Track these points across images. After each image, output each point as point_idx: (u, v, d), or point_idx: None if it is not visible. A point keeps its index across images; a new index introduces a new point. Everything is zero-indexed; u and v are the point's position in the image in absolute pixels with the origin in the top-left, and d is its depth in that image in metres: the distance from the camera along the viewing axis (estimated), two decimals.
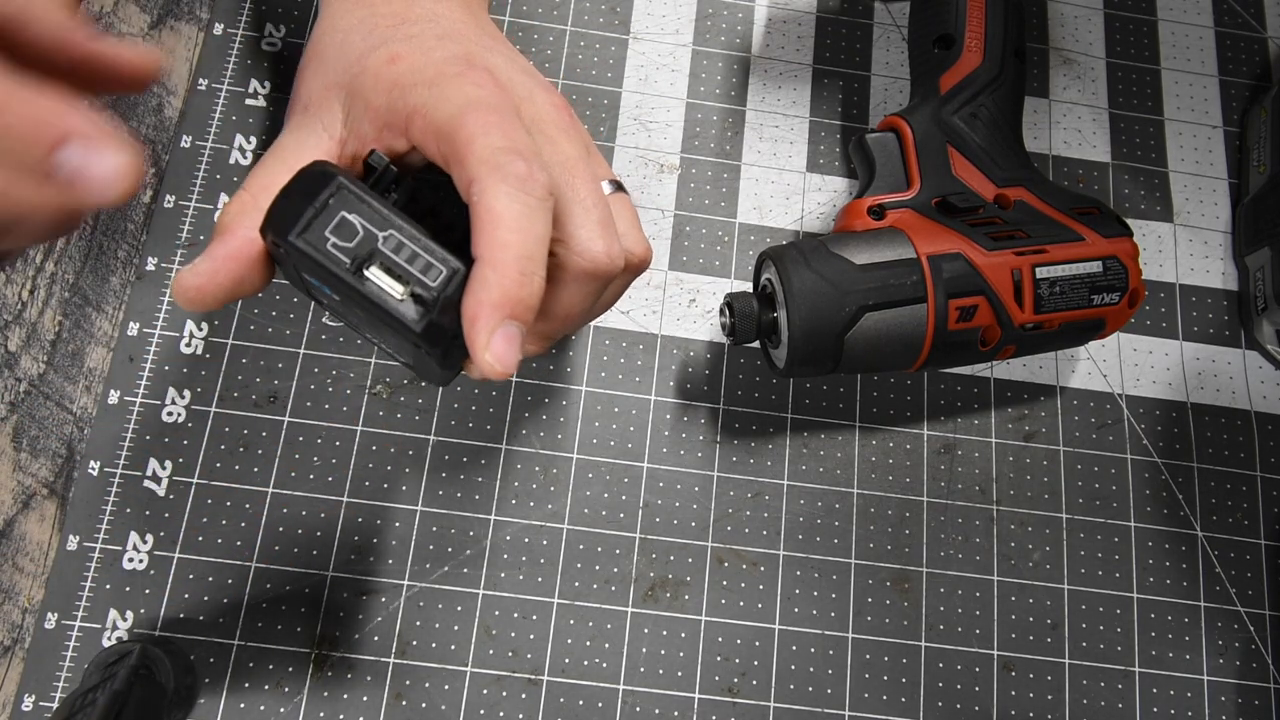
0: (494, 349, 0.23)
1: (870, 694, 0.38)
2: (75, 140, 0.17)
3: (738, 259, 0.44)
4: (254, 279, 0.26)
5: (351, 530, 0.39)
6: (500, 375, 0.24)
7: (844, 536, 0.40)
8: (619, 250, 0.29)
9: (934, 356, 0.37)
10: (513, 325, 0.24)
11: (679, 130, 0.45)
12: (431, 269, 0.24)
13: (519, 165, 0.25)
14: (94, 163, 0.18)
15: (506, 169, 0.25)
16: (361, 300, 0.24)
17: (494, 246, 0.24)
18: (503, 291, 0.23)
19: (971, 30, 0.40)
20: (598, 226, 0.29)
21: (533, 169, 0.25)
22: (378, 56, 0.29)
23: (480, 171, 0.25)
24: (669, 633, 0.39)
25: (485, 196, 0.24)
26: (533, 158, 0.25)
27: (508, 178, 0.24)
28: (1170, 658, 0.40)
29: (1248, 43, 0.49)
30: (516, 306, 0.24)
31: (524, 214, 0.24)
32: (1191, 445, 0.42)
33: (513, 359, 0.24)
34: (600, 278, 0.29)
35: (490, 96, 0.26)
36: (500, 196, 0.24)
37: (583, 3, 0.47)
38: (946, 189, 0.39)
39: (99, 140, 0.18)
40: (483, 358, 0.23)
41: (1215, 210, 0.46)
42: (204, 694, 0.37)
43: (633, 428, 0.41)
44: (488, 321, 0.23)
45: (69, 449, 0.38)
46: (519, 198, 0.24)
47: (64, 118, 0.17)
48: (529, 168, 0.25)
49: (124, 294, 0.41)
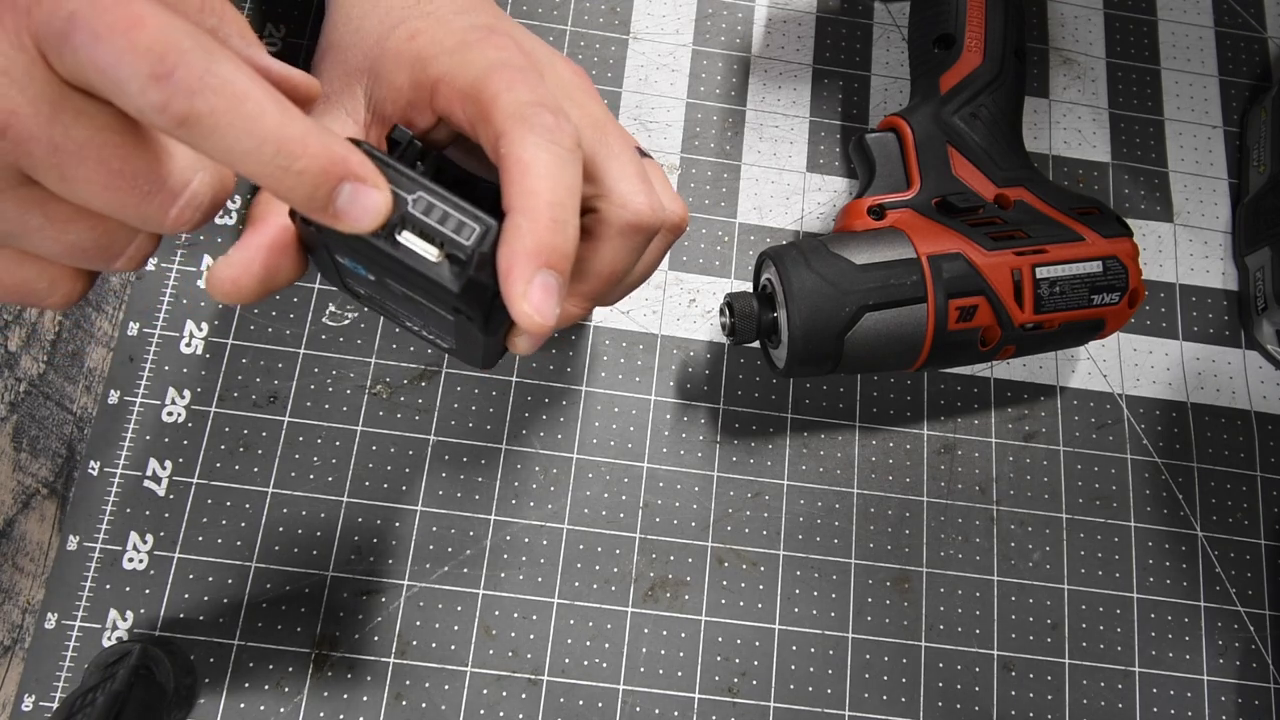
0: (532, 299, 0.23)
1: (870, 694, 0.38)
2: (351, 180, 0.20)
3: (738, 259, 0.44)
4: (288, 268, 0.26)
5: (351, 530, 0.39)
6: (539, 329, 0.23)
7: (844, 536, 0.40)
8: (659, 202, 0.29)
9: (934, 356, 0.37)
10: (550, 275, 0.23)
11: (679, 130, 0.45)
12: (464, 227, 0.23)
13: (546, 117, 0.24)
14: (360, 200, 0.20)
15: (533, 120, 0.24)
16: (397, 269, 0.23)
17: (525, 195, 0.23)
18: (536, 239, 0.23)
19: (971, 30, 0.40)
20: (636, 179, 0.28)
21: (560, 120, 0.25)
22: (397, 36, 0.29)
23: (507, 125, 0.24)
24: (669, 633, 0.39)
25: (514, 148, 0.24)
26: (559, 110, 0.25)
27: (535, 128, 0.24)
28: (1170, 658, 0.40)
29: (1248, 43, 0.49)
30: (552, 254, 0.23)
31: (554, 162, 0.24)
32: (1191, 445, 0.42)
33: (551, 310, 0.23)
34: (644, 231, 0.28)
35: (513, 58, 0.26)
36: (529, 146, 0.24)
37: (583, 3, 0.47)
38: (946, 189, 0.39)
39: (370, 181, 0.20)
40: (521, 308, 0.23)
41: (1215, 210, 0.46)
42: (204, 694, 0.37)
43: (633, 428, 0.41)
44: (524, 270, 0.23)
45: (69, 449, 0.38)
46: (548, 147, 0.24)
47: (347, 161, 0.20)
48: (556, 119, 0.25)
49: (124, 294, 0.41)
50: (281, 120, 0.19)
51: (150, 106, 0.18)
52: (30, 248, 0.21)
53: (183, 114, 0.18)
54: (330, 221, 0.20)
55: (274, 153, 0.19)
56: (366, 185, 0.20)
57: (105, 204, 0.20)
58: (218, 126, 0.18)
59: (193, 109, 0.18)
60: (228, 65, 0.18)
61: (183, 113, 0.18)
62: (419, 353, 0.41)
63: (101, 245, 0.22)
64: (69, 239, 0.21)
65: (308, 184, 0.19)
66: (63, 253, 0.21)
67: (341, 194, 0.20)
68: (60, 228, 0.21)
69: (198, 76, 0.18)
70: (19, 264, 0.22)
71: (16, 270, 0.22)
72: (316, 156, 0.19)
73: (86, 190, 0.20)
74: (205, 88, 0.18)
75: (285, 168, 0.19)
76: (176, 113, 0.18)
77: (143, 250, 0.23)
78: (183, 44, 0.18)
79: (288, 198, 0.20)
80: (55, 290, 0.22)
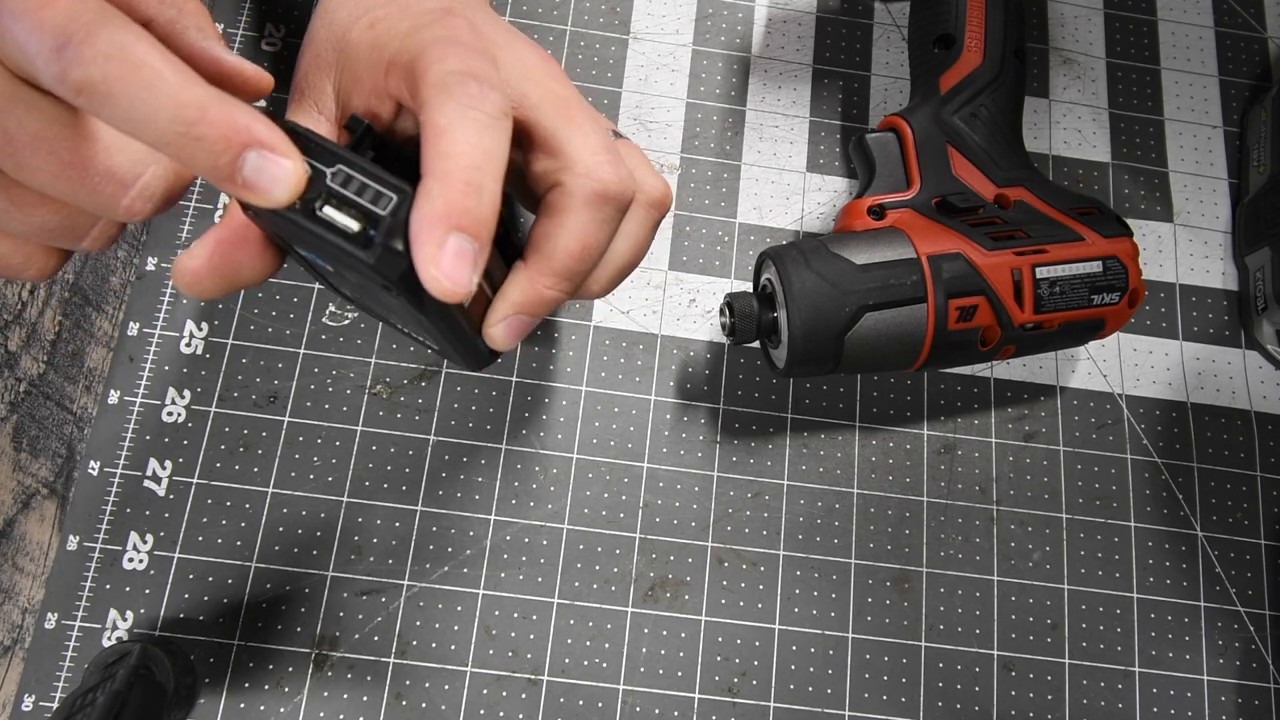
0: (442, 264, 0.22)
1: (870, 694, 0.38)
2: (257, 148, 0.20)
3: (738, 259, 0.44)
4: (253, 264, 0.25)
5: (351, 530, 0.39)
6: (450, 295, 0.22)
7: (844, 536, 0.40)
8: (626, 173, 0.28)
9: (934, 356, 0.37)
10: (463, 238, 0.22)
11: (679, 130, 0.45)
12: (381, 197, 0.22)
13: (470, 85, 0.24)
14: (268, 169, 0.20)
15: (455, 89, 0.24)
16: (323, 245, 0.23)
17: (438, 159, 0.23)
18: (446, 202, 0.22)
19: (971, 30, 0.40)
20: (601, 150, 0.28)
21: (484, 88, 0.24)
22: (359, 26, 0.29)
23: (429, 94, 0.24)
24: (669, 633, 0.39)
25: (431, 114, 0.23)
26: (487, 79, 0.24)
27: (456, 95, 0.24)
28: (1170, 658, 0.40)
29: (1248, 43, 0.49)
30: (463, 217, 0.22)
31: (471, 127, 0.23)
32: (1191, 445, 0.42)
33: (464, 276, 0.22)
34: (611, 200, 0.28)
35: (459, 35, 0.25)
36: (446, 111, 0.23)
37: (583, 3, 0.47)
38: (946, 189, 0.39)
39: (276, 149, 0.20)
40: (429, 271, 0.22)
41: (1215, 210, 0.46)
42: (204, 694, 0.37)
43: (633, 428, 0.41)
44: (431, 233, 0.22)
45: (69, 449, 0.38)
46: (466, 113, 0.23)
47: (251, 127, 0.19)
48: (480, 86, 0.24)
49: (124, 294, 0.41)
50: (179, 87, 0.19)
51: (53, 77, 0.18)
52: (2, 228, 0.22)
53: (79, 82, 0.18)
54: (240, 194, 0.20)
55: (170, 119, 0.19)
56: (274, 153, 0.20)
57: (59, 192, 0.21)
58: (112, 94, 0.18)
59: (87, 76, 0.18)
60: (126, 35, 0.19)
61: (79, 80, 0.18)
62: (419, 353, 0.41)
63: (66, 227, 0.22)
64: (35, 221, 0.22)
65: (207, 151, 0.19)
66: (30, 233, 0.22)
67: (247, 162, 0.20)
68: (26, 211, 0.22)
69: (93, 44, 0.18)
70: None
71: None
72: (216, 123, 0.19)
73: (40, 178, 0.21)
74: (99, 55, 0.18)
75: (183, 134, 0.19)
76: (74, 81, 0.18)
77: (108, 232, 0.23)
78: (84, 17, 0.18)
79: (192, 166, 0.20)
80: (31, 265, 0.23)
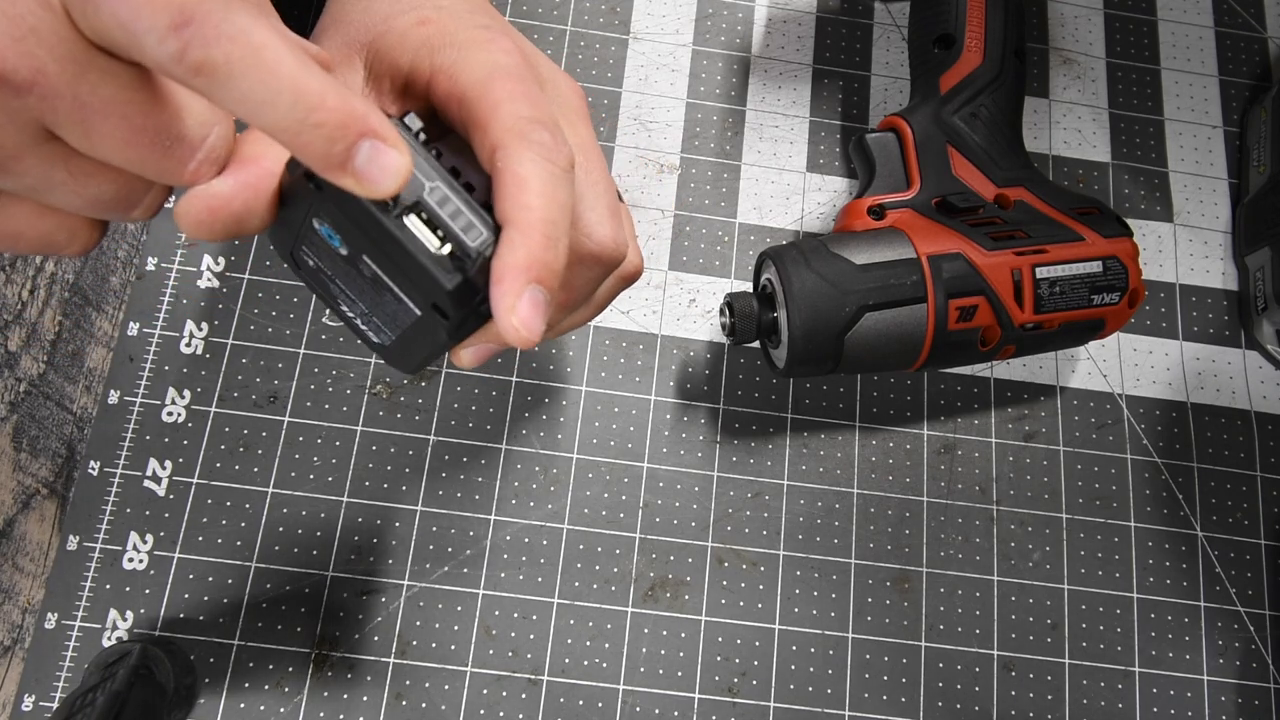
0: (520, 312, 0.23)
1: (870, 694, 0.38)
2: (371, 138, 0.20)
3: (738, 259, 0.44)
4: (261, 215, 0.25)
5: (351, 530, 0.39)
6: (524, 342, 0.23)
7: (844, 536, 0.40)
8: (624, 240, 0.29)
9: (934, 356, 0.37)
10: (539, 290, 0.23)
11: (679, 130, 0.45)
12: (473, 229, 0.23)
13: (544, 135, 0.25)
14: (379, 159, 0.20)
15: (531, 137, 0.25)
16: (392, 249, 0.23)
17: (520, 209, 0.24)
18: (529, 254, 0.23)
19: (971, 30, 0.40)
20: (607, 211, 0.28)
21: (557, 139, 0.25)
22: (407, 19, 0.29)
23: (506, 139, 0.25)
24: (669, 633, 0.39)
25: (511, 162, 0.24)
26: (557, 130, 0.25)
27: (532, 145, 0.24)
28: (1170, 658, 0.40)
29: (1248, 43, 0.49)
30: (542, 271, 0.23)
31: (549, 180, 0.24)
32: (1191, 445, 0.42)
33: (537, 325, 0.23)
34: (604, 264, 0.29)
35: (517, 66, 0.26)
36: (525, 162, 0.24)
37: (583, 3, 0.47)
38: (946, 189, 0.39)
39: (391, 141, 0.20)
40: (509, 320, 0.23)
41: (1215, 210, 0.46)
42: (204, 694, 0.37)
43: (633, 428, 0.41)
44: (514, 283, 0.23)
45: (69, 449, 0.38)
46: (544, 165, 0.24)
47: (367, 118, 0.20)
48: (554, 138, 0.25)
49: (124, 294, 0.41)
50: (299, 72, 0.19)
51: (168, 56, 0.18)
52: (52, 201, 0.22)
53: (199, 62, 0.18)
54: (347, 180, 0.20)
55: (291, 103, 0.19)
56: (388, 145, 0.20)
57: (126, 159, 0.21)
58: (233, 75, 0.18)
59: (208, 57, 0.18)
60: (245, 16, 0.18)
61: (199, 61, 0.18)
62: None
63: (121, 197, 0.22)
64: (90, 192, 0.22)
65: (324, 137, 0.19)
66: (84, 205, 0.22)
67: (360, 152, 0.20)
68: (82, 182, 0.21)
69: (215, 25, 0.18)
70: (40, 217, 0.22)
71: (38, 223, 0.22)
72: (335, 110, 0.19)
73: (109, 145, 0.20)
74: (222, 36, 0.18)
75: (302, 120, 0.19)
76: (193, 61, 0.18)
77: (158, 199, 0.23)
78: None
79: (304, 153, 0.19)
80: (74, 240, 0.23)
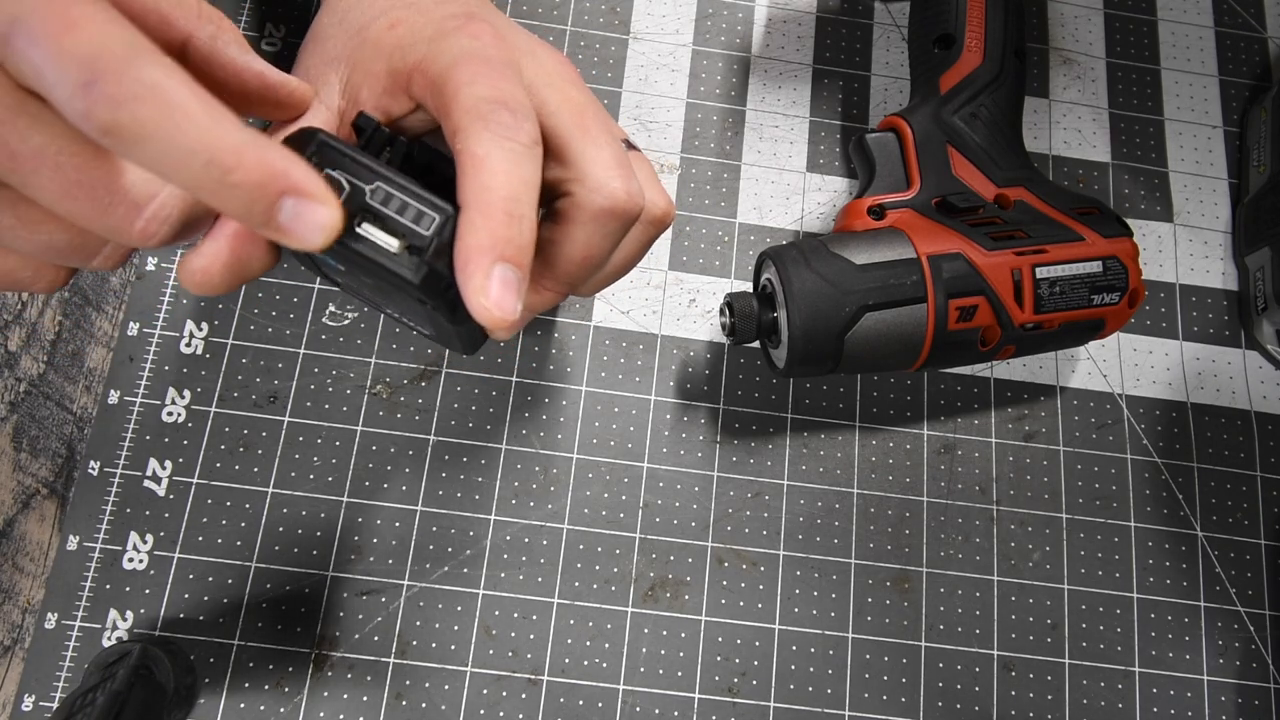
0: (490, 293, 0.23)
1: (870, 694, 0.38)
2: (293, 195, 0.19)
3: (738, 259, 0.44)
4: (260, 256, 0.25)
5: (351, 530, 0.39)
6: (500, 323, 0.23)
7: (844, 536, 0.40)
8: (637, 189, 0.28)
9: (934, 356, 0.37)
10: (508, 269, 0.23)
11: (679, 130, 0.45)
12: (424, 217, 0.23)
13: (503, 114, 0.24)
14: (304, 216, 0.19)
15: (490, 118, 0.24)
16: (360, 261, 0.23)
17: (479, 190, 0.23)
18: (490, 234, 0.23)
19: (971, 30, 0.40)
20: (614, 164, 0.28)
21: (518, 118, 0.25)
22: (378, 25, 0.29)
23: (464, 121, 0.24)
24: (669, 633, 0.39)
25: (470, 143, 0.24)
26: (519, 108, 0.25)
27: (490, 125, 0.24)
28: (1170, 658, 0.40)
29: (1248, 43, 0.49)
30: (508, 248, 0.23)
31: (509, 158, 0.24)
32: (1191, 445, 0.42)
33: (511, 304, 0.23)
34: (618, 216, 0.28)
35: (486, 48, 0.26)
36: (484, 142, 0.24)
37: (583, 3, 0.47)
38: (946, 189, 0.39)
39: (314, 196, 0.19)
40: (479, 301, 0.23)
41: (1215, 210, 0.46)
42: (204, 694, 0.37)
43: (633, 428, 0.41)
44: (480, 265, 0.23)
45: (69, 449, 0.38)
46: (503, 143, 0.24)
47: (288, 173, 0.19)
48: (514, 117, 0.24)
49: (124, 294, 0.41)
50: (214, 130, 0.18)
51: (78, 115, 0.17)
52: (6, 244, 0.21)
53: (107, 123, 0.17)
54: (276, 237, 0.20)
55: (204, 164, 0.18)
56: (312, 200, 0.19)
57: (66, 212, 0.20)
58: (143, 136, 0.17)
59: (115, 120, 0.17)
60: (158, 71, 0.17)
61: (107, 122, 0.17)
62: (419, 353, 0.41)
63: (75, 246, 0.21)
64: (40, 239, 0.21)
65: (243, 198, 0.18)
66: (37, 251, 0.21)
67: (283, 209, 0.19)
68: (31, 229, 0.21)
69: (123, 82, 0.17)
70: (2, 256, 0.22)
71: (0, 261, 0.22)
72: (252, 169, 0.18)
73: (46, 197, 0.19)
74: (130, 96, 0.17)
75: (219, 180, 0.18)
76: (100, 121, 0.17)
77: (118, 251, 0.22)
78: (114, 49, 0.17)
79: (227, 211, 0.19)
80: (39, 279, 0.22)
